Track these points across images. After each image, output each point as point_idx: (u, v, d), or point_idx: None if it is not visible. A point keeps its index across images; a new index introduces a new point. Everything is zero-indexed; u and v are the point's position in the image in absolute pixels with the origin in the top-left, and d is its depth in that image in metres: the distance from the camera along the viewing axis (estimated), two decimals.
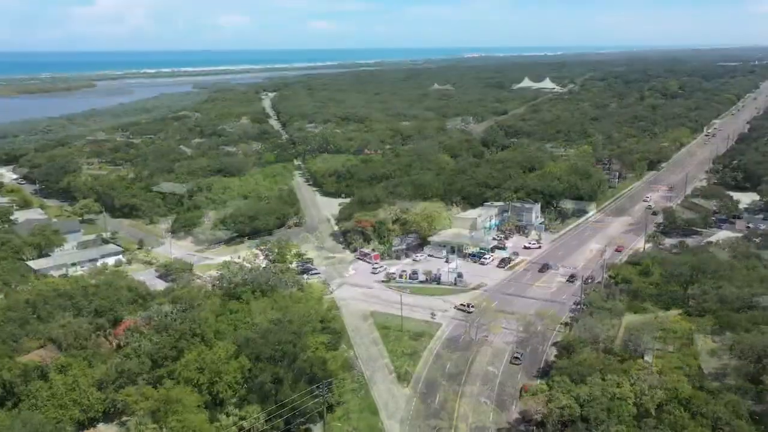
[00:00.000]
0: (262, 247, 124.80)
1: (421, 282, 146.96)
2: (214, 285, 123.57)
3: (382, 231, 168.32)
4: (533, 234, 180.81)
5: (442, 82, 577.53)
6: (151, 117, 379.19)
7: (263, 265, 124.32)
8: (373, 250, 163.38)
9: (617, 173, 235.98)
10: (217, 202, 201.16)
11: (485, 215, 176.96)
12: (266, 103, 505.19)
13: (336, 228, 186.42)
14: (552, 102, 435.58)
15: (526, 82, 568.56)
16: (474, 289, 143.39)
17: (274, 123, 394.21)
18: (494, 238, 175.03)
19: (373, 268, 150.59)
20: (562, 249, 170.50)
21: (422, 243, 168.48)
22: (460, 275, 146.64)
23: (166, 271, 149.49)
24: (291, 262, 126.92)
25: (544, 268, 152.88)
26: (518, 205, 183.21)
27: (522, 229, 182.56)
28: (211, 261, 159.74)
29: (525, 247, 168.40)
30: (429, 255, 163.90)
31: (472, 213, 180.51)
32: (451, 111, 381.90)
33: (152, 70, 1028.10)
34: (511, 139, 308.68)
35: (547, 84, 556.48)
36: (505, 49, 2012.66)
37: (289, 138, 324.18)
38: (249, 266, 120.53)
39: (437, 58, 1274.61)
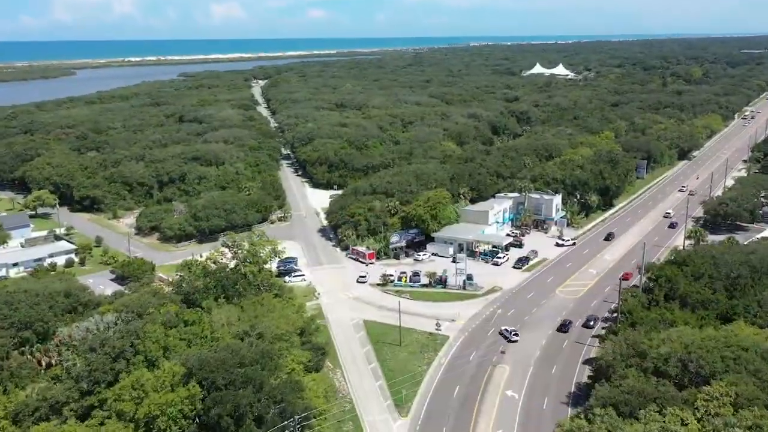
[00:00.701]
0: (230, 243, 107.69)
1: (424, 285, 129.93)
2: (172, 289, 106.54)
3: (377, 225, 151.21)
4: (553, 230, 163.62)
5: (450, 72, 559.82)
6: (128, 104, 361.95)
7: (232, 265, 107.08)
8: (368, 247, 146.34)
9: (645, 163, 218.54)
10: (190, 194, 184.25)
11: (498, 208, 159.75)
12: (256, 91, 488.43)
13: (325, 223, 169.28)
14: (567, 88, 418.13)
15: (538, 69, 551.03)
16: (486, 293, 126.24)
17: (263, 111, 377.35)
18: (509, 234, 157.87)
19: (360, 276, 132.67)
20: (588, 246, 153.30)
21: (425, 240, 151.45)
22: (469, 277, 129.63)
23: (123, 273, 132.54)
24: (267, 261, 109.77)
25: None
26: (536, 196, 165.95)
27: (541, 224, 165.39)
28: (179, 261, 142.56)
29: (557, 245, 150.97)
30: (433, 254, 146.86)
31: (483, 206, 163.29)
32: (456, 98, 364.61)
33: (137, 58, 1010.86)
34: (523, 126, 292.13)
35: (561, 70, 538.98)
36: (514, 38, 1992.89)
37: (278, 126, 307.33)
38: (214, 266, 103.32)
39: (441, 47, 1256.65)
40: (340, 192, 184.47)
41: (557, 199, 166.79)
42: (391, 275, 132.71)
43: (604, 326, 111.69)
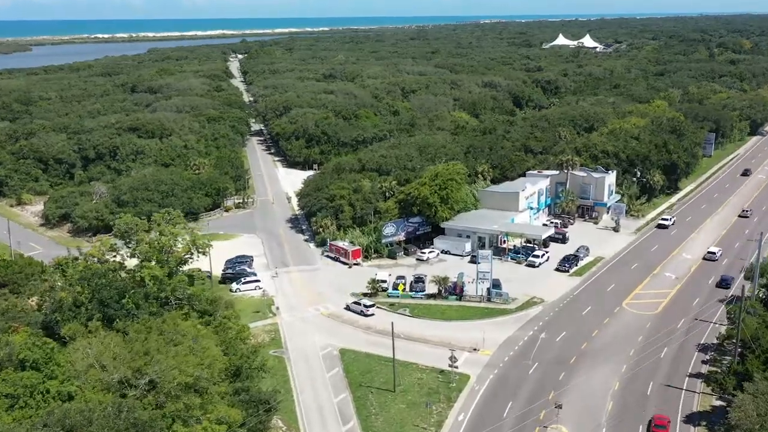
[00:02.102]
0: (124, 230, 74.48)
1: (431, 296, 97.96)
2: (38, 306, 74.47)
3: (366, 213, 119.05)
4: (606, 218, 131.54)
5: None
6: (76, 76, 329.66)
7: (130, 267, 74.39)
8: (352, 242, 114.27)
9: (713, 136, 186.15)
10: (124, 174, 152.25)
11: (532, 189, 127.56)
12: (234, 66, 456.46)
13: (298, 211, 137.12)
14: (599, 59, 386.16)
15: (561, 40, 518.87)
16: (521, 308, 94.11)
17: (238, 84, 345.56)
18: (546, 224, 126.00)
19: (362, 306, 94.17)
20: (657, 241, 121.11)
21: (432, 232, 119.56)
22: (496, 284, 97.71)
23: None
24: (185, 261, 76.86)
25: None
26: (582, 174, 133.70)
27: (587, 212, 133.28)
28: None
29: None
30: (443, 251, 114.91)
31: (511, 186, 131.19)
32: (467, 69, 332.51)
33: (105, 35, 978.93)
34: (551, 98, 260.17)
35: (588, 42, 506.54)
36: (528, 16, 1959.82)
37: (252, 99, 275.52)
38: (98, 268, 70.69)
39: (448, 25, 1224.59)
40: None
41: (610, 179, 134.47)
42: (383, 281, 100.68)
43: (704, 358, 79.82)
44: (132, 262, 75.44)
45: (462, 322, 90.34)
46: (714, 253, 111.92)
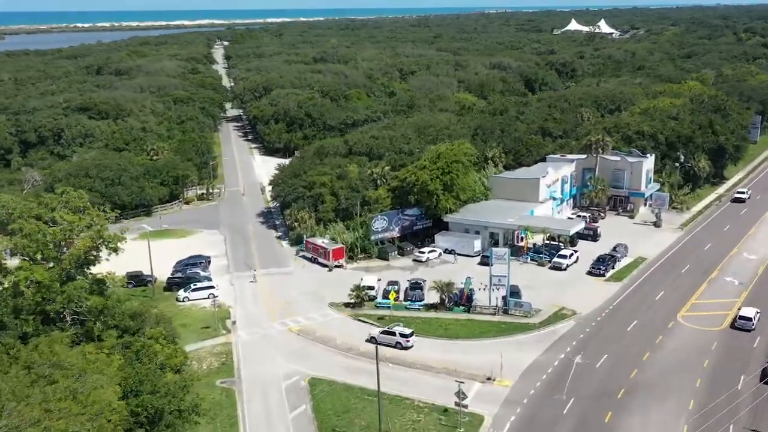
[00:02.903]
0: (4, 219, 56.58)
1: (431, 307, 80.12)
2: None
3: (352, 203, 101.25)
4: (643, 211, 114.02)
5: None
6: (41, 60, 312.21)
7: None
8: (333, 239, 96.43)
9: (759, 119, 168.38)
10: (67, 158, 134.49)
11: (554, 176, 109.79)
12: (218, 53, 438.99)
13: (272, 203, 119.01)
14: (618, 42, 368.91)
15: (574, 25, 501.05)
16: (548, 322, 76.22)
17: (220, 70, 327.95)
18: (572, 218, 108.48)
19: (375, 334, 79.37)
20: (710, 239, 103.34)
21: (432, 227, 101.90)
22: (514, 292, 79.90)
23: None
24: (88, 260, 57.90)
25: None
26: (615, 158, 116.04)
27: (621, 203, 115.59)
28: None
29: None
30: (447, 250, 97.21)
31: (529, 171, 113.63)
32: (472, 53, 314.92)
33: (86, 25, 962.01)
34: (566, 82, 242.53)
35: (603, 27, 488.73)
36: (536, 6, 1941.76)
37: (233, 82, 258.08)
38: None
39: (451, 15, 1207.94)
40: None
41: (648, 164, 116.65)
42: (371, 288, 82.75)
43: None
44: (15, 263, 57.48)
45: (471, 342, 72.53)
46: None
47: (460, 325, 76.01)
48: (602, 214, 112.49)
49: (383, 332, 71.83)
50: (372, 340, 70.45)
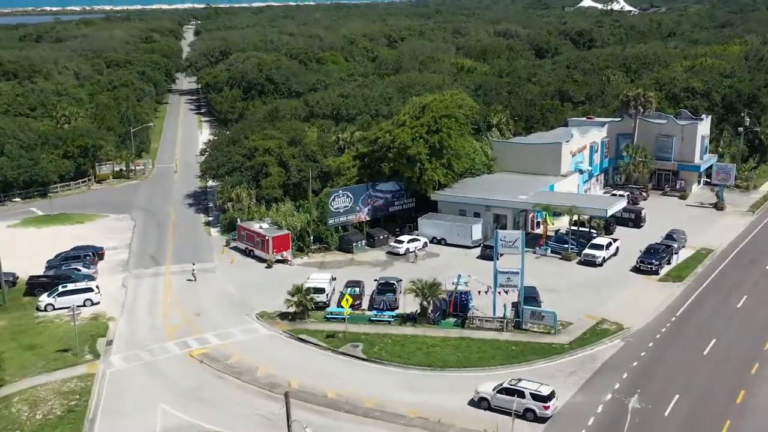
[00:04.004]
0: None
1: (408, 318, 57.23)
2: None
3: (304, 177, 78.27)
4: (697, 190, 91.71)
5: None
6: None
7: None
8: (277, 224, 73.31)
9: None
10: None
11: (580, 142, 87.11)
12: (190, 32, 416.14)
13: (211, 182, 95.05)
14: (638, 16, 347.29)
15: (588, 2, 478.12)
16: (583, 342, 53.24)
17: (184, 45, 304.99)
18: (609, 194, 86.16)
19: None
20: None
21: (415, 209, 79.18)
22: (530, 297, 57.07)
23: None
24: None
25: None
26: (660, 121, 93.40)
27: (669, 180, 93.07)
28: None
29: None
30: (434, 239, 74.46)
31: (548, 136, 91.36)
32: (474, 20, 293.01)
33: (55, 8, 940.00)
34: (584, 53, 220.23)
35: (622, 4, 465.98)
36: None
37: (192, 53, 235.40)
38: None
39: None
40: None
41: (703, 127, 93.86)
42: (320, 290, 59.65)
43: None
44: None
45: (466, 373, 49.67)
46: None
47: (450, 347, 53.11)
48: (644, 194, 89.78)
49: (501, 390, 44.74)
50: (481, 402, 45.26)
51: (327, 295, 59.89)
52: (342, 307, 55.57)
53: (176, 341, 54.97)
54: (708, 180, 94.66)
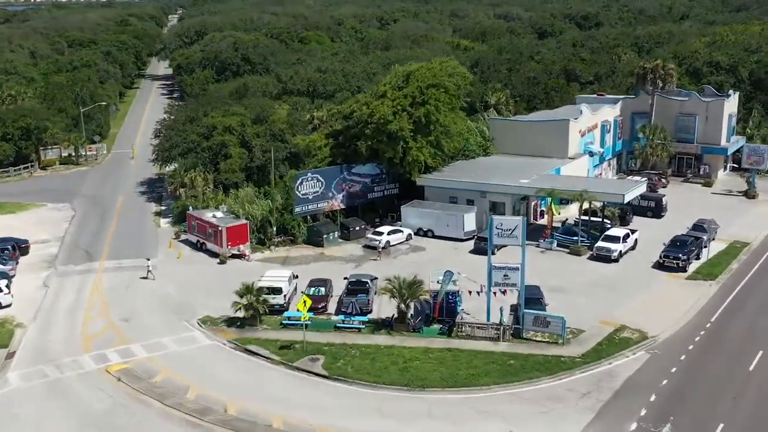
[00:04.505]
0: None
1: (383, 324, 47.86)
2: None
3: (266, 160, 68.81)
4: (723, 176, 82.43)
5: None
6: None
7: None
8: (234, 213, 63.73)
9: None
10: None
11: (590, 119, 77.82)
12: (176, 19, 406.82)
13: (153, 162, 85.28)
14: (647, 0, 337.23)
15: None
16: (597, 356, 43.82)
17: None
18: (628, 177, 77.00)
19: None
20: None
21: (399, 195, 69.83)
22: (533, 298, 47.65)
23: None
24: None
25: None
26: (681, 98, 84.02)
27: (692, 165, 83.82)
28: None
29: None
30: (419, 230, 65.08)
31: (554, 113, 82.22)
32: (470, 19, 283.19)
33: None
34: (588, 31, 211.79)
35: None
36: None
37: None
38: None
39: None
40: None
41: (730, 105, 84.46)
42: (276, 291, 50.11)
43: None
44: None
45: (451, 395, 40.27)
46: None
47: (432, 361, 43.69)
48: (663, 181, 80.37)
49: None
50: None
51: (285, 296, 50.40)
52: (300, 311, 46.01)
53: (93, 354, 45.48)
54: (735, 165, 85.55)
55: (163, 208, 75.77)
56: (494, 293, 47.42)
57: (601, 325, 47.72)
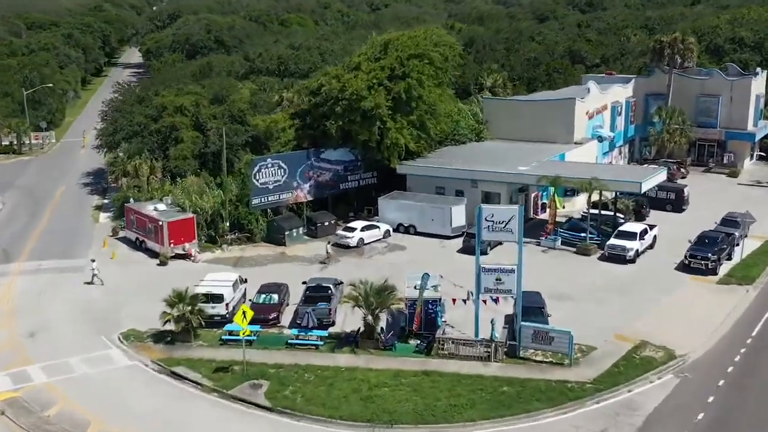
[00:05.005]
0: None
1: (348, 340, 39.66)
2: None
3: (226, 140, 60.57)
4: (750, 166, 74.41)
5: None
6: None
7: None
8: (179, 206, 55.41)
9: None
10: None
11: (598, 99, 69.80)
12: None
13: (97, 149, 76.91)
14: None
15: None
16: (617, 380, 35.52)
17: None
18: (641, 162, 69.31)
19: None
20: None
21: (376, 185, 61.68)
22: (535, 306, 39.45)
23: None
24: None
25: None
26: (702, 77, 76.06)
27: (714, 153, 75.86)
28: None
29: None
30: (401, 226, 56.88)
31: (555, 94, 74.26)
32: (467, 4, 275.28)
33: None
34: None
35: None
36: None
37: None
38: None
39: None
40: None
41: (758, 85, 76.36)
42: (217, 299, 41.74)
43: None
44: None
45: None
46: None
47: (405, 388, 35.39)
48: (682, 170, 72.23)
49: None
50: None
51: (228, 305, 42.10)
52: (238, 324, 37.63)
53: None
54: (762, 153, 77.74)
55: (106, 201, 67.48)
56: (484, 302, 39.24)
57: (616, 341, 39.54)
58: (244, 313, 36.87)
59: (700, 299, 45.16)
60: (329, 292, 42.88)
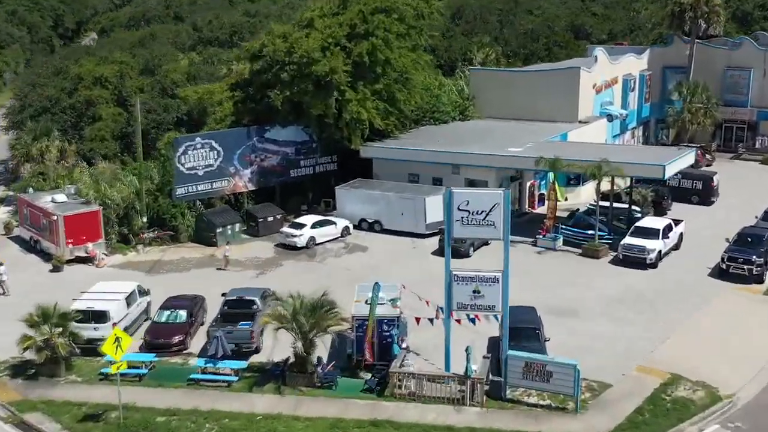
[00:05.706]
0: None
1: (277, 373, 30.17)
2: None
3: (154, 118, 51.18)
4: None
5: None
6: None
7: None
8: (84, 197, 45.99)
9: None
10: None
11: (606, 70, 60.52)
12: None
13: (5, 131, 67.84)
14: None
15: None
16: None
17: None
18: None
19: None
20: None
21: (337, 172, 52.27)
22: (529, 327, 30.00)
23: None
24: None
25: None
26: (728, 48, 66.93)
27: (744, 136, 66.91)
28: None
29: None
30: (364, 221, 47.51)
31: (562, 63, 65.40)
32: None
33: None
34: None
35: None
36: None
37: None
38: None
39: None
40: None
41: None
42: (101, 315, 32.20)
43: None
44: None
45: None
46: None
47: None
48: (707, 156, 63.01)
49: None
50: None
51: (117, 324, 32.47)
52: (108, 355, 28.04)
53: None
54: None
55: (11, 193, 57.94)
56: (458, 321, 29.83)
57: (638, 375, 30.19)
58: (117, 339, 27.26)
59: (745, 315, 35.77)
60: (254, 307, 33.34)
